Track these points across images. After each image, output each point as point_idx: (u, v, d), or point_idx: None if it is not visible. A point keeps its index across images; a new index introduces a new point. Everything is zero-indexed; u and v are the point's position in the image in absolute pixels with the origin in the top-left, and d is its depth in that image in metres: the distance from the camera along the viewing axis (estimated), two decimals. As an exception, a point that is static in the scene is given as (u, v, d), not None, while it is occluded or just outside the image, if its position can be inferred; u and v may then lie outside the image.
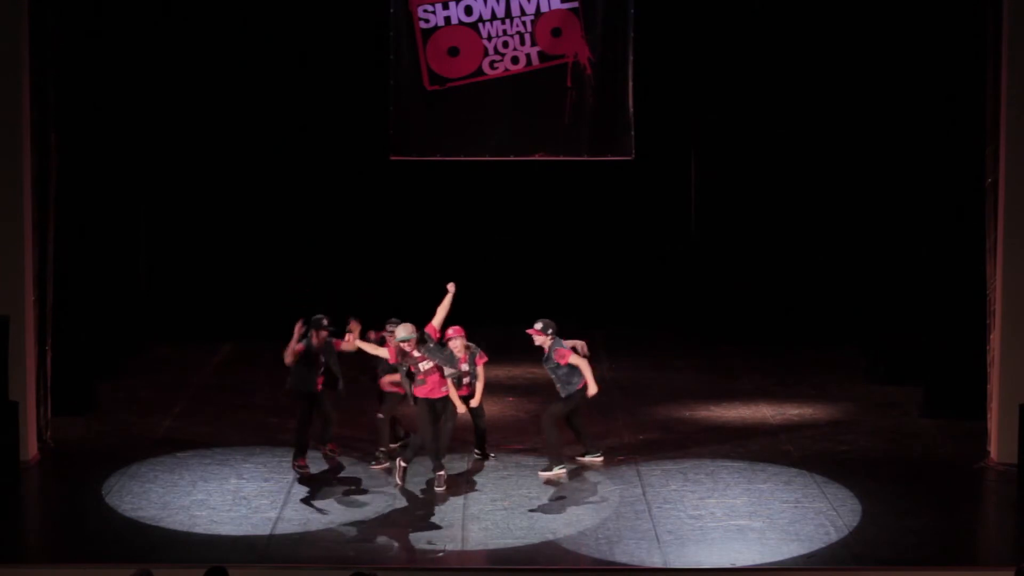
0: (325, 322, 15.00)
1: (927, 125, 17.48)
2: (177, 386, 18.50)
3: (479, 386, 15.19)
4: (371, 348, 15.10)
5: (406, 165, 18.14)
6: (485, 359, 15.26)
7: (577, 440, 15.42)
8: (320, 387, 15.09)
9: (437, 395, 14.71)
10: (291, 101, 20.49)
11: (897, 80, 18.17)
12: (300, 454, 15.10)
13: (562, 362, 14.99)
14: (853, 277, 20.09)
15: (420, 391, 14.67)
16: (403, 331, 14.65)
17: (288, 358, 14.93)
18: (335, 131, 20.65)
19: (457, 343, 15.04)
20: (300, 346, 14.91)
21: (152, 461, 15.38)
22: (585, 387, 15.06)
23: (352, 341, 15.00)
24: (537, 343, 15.14)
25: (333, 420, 15.25)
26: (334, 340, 15.13)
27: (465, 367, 15.07)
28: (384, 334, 15.14)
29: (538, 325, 15.13)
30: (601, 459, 15.39)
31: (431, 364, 14.60)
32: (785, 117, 20.41)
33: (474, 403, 15.16)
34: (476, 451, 15.60)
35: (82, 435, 16.36)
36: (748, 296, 21.20)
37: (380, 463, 15.15)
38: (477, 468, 15.33)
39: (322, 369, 15.05)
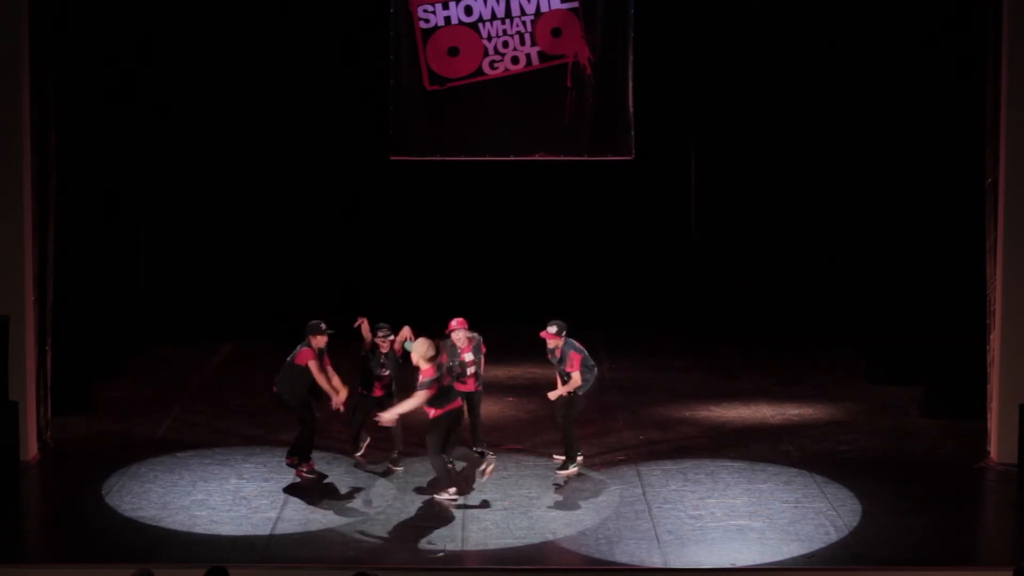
0: (324, 326, 14.92)
1: (927, 125, 17.48)
2: (177, 386, 18.50)
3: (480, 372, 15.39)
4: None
5: (406, 165, 18.14)
6: (484, 349, 15.41)
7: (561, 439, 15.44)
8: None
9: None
10: (291, 101, 20.49)
11: (897, 80, 18.16)
12: (306, 459, 15.03)
13: (569, 370, 14.97)
14: (853, 277, 20.09)
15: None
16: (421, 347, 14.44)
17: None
18: (335, 131, 20.64)
19: (460, 334, 15.16)
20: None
21: (152, 461, 15.38)
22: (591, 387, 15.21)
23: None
24: (551, 346, 15.12)
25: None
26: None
27: (470, 356, 15.22)
28: (377, 339, 15.10)
29: (552, 328, 15.05)
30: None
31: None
32: (785, 117, 20.40)
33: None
34: (475, 449, 15.60)
35: (82, 435, 16.35)
36: (748, 296, 21.20)
37: (396, 464, 15.09)
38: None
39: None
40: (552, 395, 15.09)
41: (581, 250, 21.46)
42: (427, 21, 17.30)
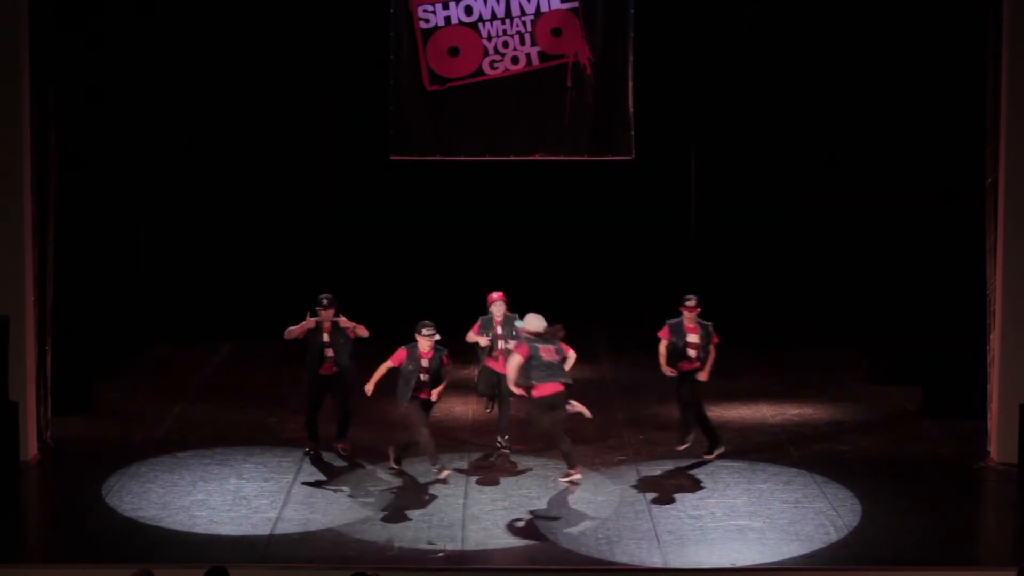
0: (325, 301, 15.13)
1: (927, 125, 17.48)
2: (177, 386, 18.50)
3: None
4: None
5: (406, 165, 18.14)
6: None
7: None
8: (326, 373, 15.17)
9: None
10: (291, 101, 20.48)
11: (897, 80, 18.16)
12: (308, 437, 15.39)
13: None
14: (853, 277, 20.09)
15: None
16: (536, 321, 14.64)
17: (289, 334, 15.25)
18: (335, 131, 20.63)
19: (497, 307, 15.45)
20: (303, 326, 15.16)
21: (152, 461, 15.38)
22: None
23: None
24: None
25: (349, 415, 15.38)
26: (347, 329, 15.26)
27: (501, 330, 15.41)
28: (418, 336, 14.72)
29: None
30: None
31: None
32: (785, 117, 20.40)
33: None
34: (499, 441, 15.68)
35: (82, 435, 16.35)
36: (748, 296, 21.19)
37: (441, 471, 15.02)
38: (478, 467, 15.33)
39: (329, 354, 15.14)
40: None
41: (581, 250, 21.46)
42: (427, 21, 17.30)
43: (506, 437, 15.72)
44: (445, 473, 14.63)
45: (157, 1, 19.16)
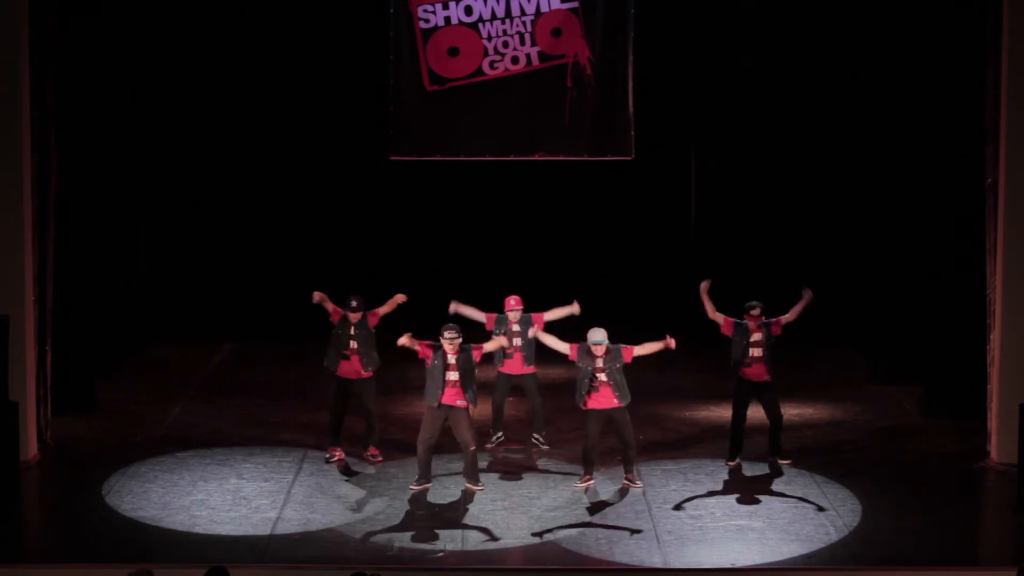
0: (354, 303, 15.24)
1: (927, 125, 17.48)
2: (177, 386, 18.50)
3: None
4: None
5: (406, 165, 18.14)
6: (536, 330, 15.68)
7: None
8: (350, 375, 15.18)
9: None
10: (291, 101, 20.48)
11: (897, 80, 18.16)
12: (330, 443, 15.37)
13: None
14: (853, 277, 20.07)
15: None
16: (599, 334, 14.89)
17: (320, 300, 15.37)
18: (335, 131, 20.63)
19: (516, 314, 15.73)
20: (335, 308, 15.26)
21: (152, 461, 15.39)
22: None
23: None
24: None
25: (374, 420, 15.38)
26: (369, 314, 15.34)
27: (516, 328, 15.76)
28: (442, 340, 14.59)
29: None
30: None
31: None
32: (784, 117, 20.39)
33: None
34: (533, 436, 15.94)
35: (82, 435, 16.36)
36: (747, 296, 21.14)
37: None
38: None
39: (353, 346, 15.19)
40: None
41: (581, 250, 21.45)
42: (427, 21, 17.30)
43: (543, 433, 15.93)
44: (417, 488, 14.56)
45: (158, 1, 19.14)
